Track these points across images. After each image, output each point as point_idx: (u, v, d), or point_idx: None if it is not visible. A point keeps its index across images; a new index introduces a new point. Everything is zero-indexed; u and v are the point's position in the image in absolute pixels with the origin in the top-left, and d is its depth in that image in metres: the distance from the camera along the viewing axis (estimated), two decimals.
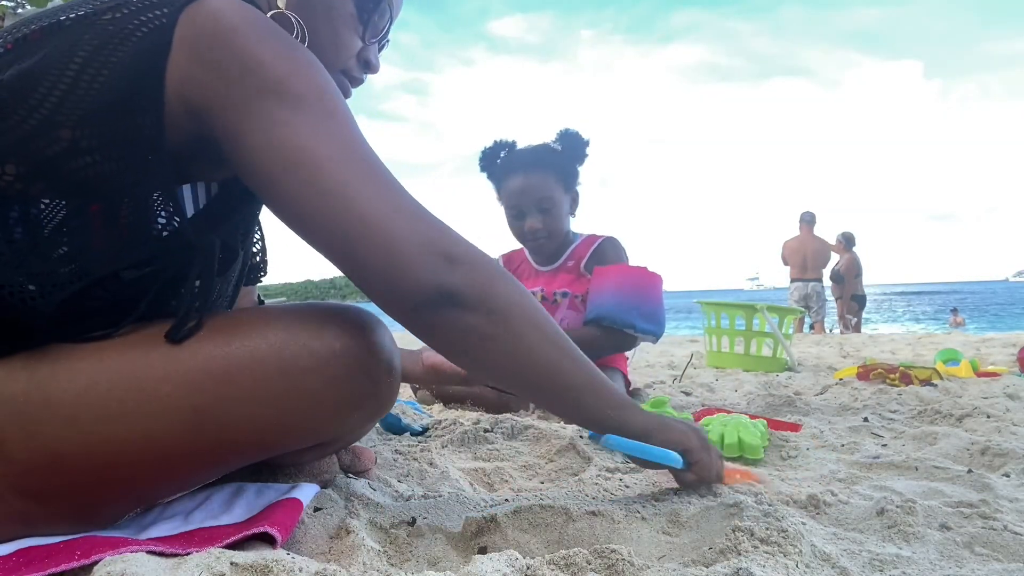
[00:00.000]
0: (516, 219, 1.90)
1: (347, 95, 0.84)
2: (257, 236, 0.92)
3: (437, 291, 0.65)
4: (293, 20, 0.75)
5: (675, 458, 0.79)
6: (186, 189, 0.75)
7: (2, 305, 0.61)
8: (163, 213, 0.66)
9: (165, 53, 0.62)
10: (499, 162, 1.93)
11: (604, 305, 1.77)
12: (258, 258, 0.93)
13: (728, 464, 0.93)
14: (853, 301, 7.38)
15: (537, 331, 0.70)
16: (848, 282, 7.32)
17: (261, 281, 0.96)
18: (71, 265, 0.62)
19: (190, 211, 0.74)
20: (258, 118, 0.62)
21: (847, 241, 7.47)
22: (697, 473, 0.82)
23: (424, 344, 0.75)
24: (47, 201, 0.62)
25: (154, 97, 0.62)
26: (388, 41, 0.90)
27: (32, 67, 0.61)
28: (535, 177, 1.85)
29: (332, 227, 0.63)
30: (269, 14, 0.74)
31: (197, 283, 0.73)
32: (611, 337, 1.77)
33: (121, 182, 0.63)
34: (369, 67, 0.85)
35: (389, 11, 0.84)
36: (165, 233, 0.66)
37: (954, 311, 15.31)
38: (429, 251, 0.65)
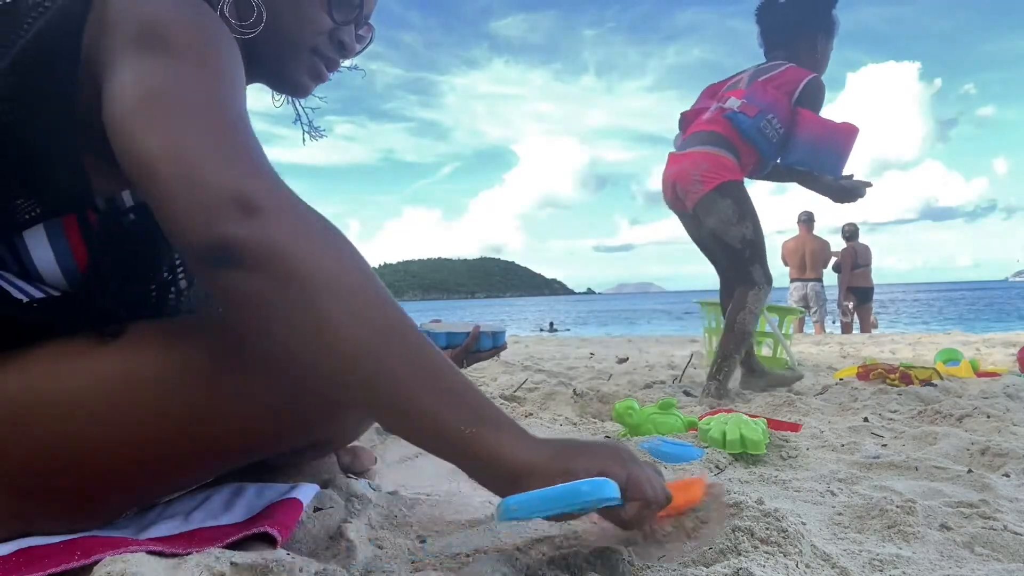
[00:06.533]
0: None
1: (323, 78, 0.83)
2: None
3: (217, 243, 0.53)
4: (252, 2, 0.74)
5: (608, 487, 0.55)
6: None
7: None
8: (116, 203, 0.66)
9: (82, 22, 0.62)
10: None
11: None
12: None
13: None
14: (850, 292, 7.37)
15: (340, 304, 0.55)
16: (844, 273, 7.32)
17: None
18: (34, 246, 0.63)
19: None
20: (121, 64, 0.60)
21: (844, 233, 7.46)
22: (633, 495, 0.60)
23: None
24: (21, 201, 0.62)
25: (70, 62, 0.61)
26: (372, 27, 0.87)
27: None
28: None
29: (138, 161, 0.56)
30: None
31: (175, 286, 0.73)
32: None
33: (52, 155, 0.63)
34: (343, 48, 0.81)
35: None
36: (123, 223, 0.66)
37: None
38: (221, 196, 0.54)
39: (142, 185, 0.56)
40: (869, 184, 2.21)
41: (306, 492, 0.77)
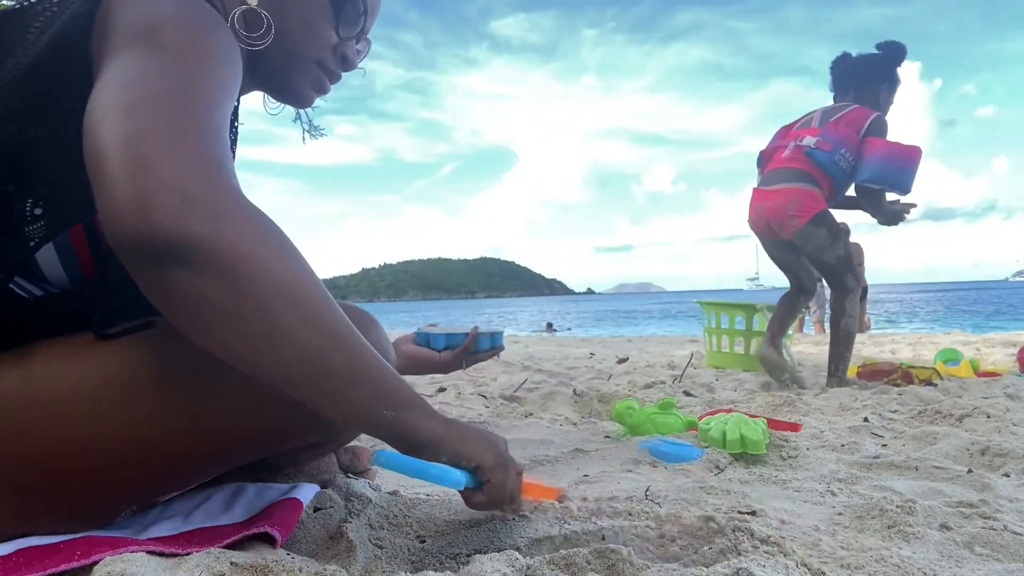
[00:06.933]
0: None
1: (325, 90, 0.85)
2: None
3: (162, 237, 0.50)
4: (263, 15, 0.75)
5: (456, 479, 0.67)
6: None
7: None
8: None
9: (90, 27, 0.61)
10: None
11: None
12: None
13: (525, 477, 0.80)
14: None
15: (287, 310, 0.56)
16: None
17: None
18: (44, 251, 0.63)
19: None
20: (111, 63, 0.57)
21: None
22: (488, 494, 0.70)
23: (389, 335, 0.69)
24: (15, 191, 0.62)
25: (84, 69, 0.61)
26: (370, 42, 0.89)
27: None
28: None
29: (93, 146, 0.53)
30: (239, 10, 0.74)
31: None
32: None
33: (69, 163, 0.61)
34: (346, 63, 0.84)
35: (363, 5, 0.82)
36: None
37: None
38: (169, 188, 0.51)
39: (92, 172, 0.53)
40: (914, 204, 2.57)
41: (306, 492, 0.77)
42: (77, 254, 0.65)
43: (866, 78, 2.58)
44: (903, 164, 2.41)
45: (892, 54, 2.58)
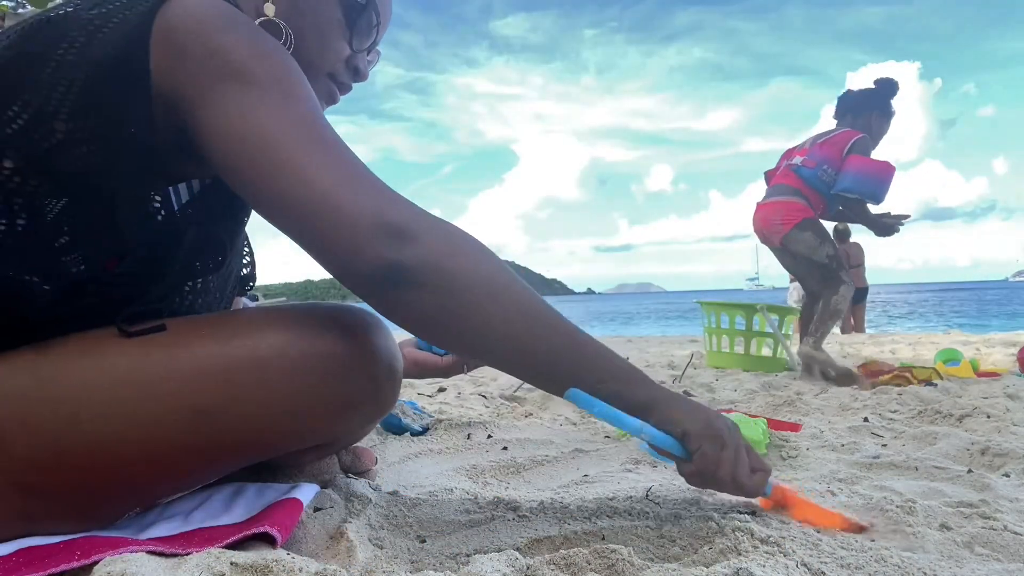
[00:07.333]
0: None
1: (334, 101, 0.85)
2: (246, 248, 0.92)
3: (386, 269, 0.63)
4: (281, 26, 0.75)
5: (633, 425, 0.71)
6: (179, 187, 0.74)
7: (6, 296, 0.61)
8: (154, 207, 0.67)
9: (146, 46, 0.62)
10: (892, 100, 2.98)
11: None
12: (247, 270, 0.93)
13: (780, 482, 0.79)
14: None
15: (497, 303, 0.67)
16: None
17: (248, 291, 0.96)
18: (72, 255, 0.63)
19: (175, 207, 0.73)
20: (217, 102, 0.63)
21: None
22: (697, 465, 0.73)
23: (403, 333, 0.74)
24: (48, 198, 0.62)
25: (141, 87, 0.62)
26: (379, 52, 0.90)
27: (15, 60, 0.61)
28: None
29: (285, 203, 0.63)
30: (257, 21, 0.74)
31: (192, 284, 0.73)
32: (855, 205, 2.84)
33: (112, 175, 0.63)
34: (358, 74, 0.86)
35: (376, 18, 0.83)
36: (158, 226, 0.67)
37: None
38: (377, 227, 0.62)
39: (288, 227, 0.64)
40: (907, 215, 2.89)
41: (306, 492, 0.77)
42: (105, 266, 0.66)
43: (860, 107, 2.96)
44: (876, 177, 2.75)
45: (884, 88, 2.98)
